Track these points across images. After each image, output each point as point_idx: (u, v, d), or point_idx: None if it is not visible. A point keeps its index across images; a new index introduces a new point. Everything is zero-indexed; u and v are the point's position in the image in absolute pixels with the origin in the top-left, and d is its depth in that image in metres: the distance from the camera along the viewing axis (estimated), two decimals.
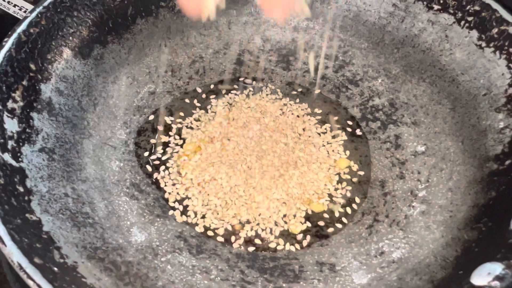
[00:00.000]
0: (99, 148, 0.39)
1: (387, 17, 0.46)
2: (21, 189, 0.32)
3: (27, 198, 0.32)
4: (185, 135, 0.42)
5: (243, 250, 0.36)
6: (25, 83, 0.36)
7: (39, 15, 0.38)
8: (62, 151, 0.36)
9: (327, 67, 0.47)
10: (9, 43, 0.36)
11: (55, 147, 0.36)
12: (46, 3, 0.38)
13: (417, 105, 0.44)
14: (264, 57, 0.48)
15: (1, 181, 0.31)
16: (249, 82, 0.46)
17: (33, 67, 0.37)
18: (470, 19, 0.41)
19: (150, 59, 0.45)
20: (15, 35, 0.36)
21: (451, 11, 0.42)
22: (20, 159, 0.33)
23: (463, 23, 0.42)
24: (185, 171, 0.40)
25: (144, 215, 0.37)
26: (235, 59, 0.47)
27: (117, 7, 0.42)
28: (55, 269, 0.29)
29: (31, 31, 0.37)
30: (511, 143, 0.37)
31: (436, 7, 0.43)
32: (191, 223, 0.37)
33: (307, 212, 0.39)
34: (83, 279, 0.29)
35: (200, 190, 0.39)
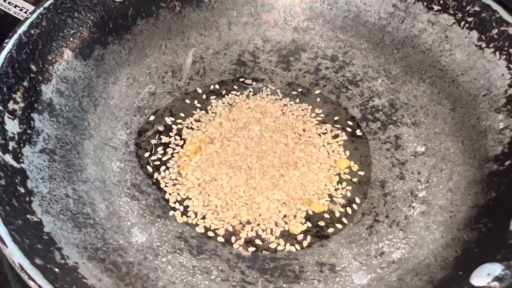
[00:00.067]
0: (99, 148, 0.39)
1: (387, 18, 0.46)
2: (22, 190, 0.32)
3: (28, 199, 0.32)
4: (186, 136, 0.42)
5: (244, 250, 0.36)
6: (26, 84, 0.36)
7: (40, 16, 0.38)
8: (63, 152, 0.36)
9: (327, 68, 0.47)
10: (10, 44, 0.36)
11: (56, 148, 0.36)
12: (46, 4, 0.38)
13: (417, 106, 0.44)
14: (264, 57, 0.48)
15: (2, 182, 0.31)
16: (249, 82, 0.46)
17: (34, 68, 0.37)
18: (470, 19, 0.41)
19: (150, 60, 0.45)
20: (16, 36, 0.36)
21: (451, 12, 0.42)
22: (21, 160, 0.33)
23: (463, 23, 0.42)
24: (185, 172, 0.40)
25: (144, 216, 0.37)
26: (235, 59, 0.48)
27: (117, 8, 0.42)
28: (56, 270, 0.29)
29: (32, 32, 0.37)
30: (511, 143, 0.37)
31: (436, 8, 0.43)
32: (191, 224, 0.37)
33: (308, 212, 0.39)
34: (84, 280, 0.29)
35: (200, 190, 0.39)
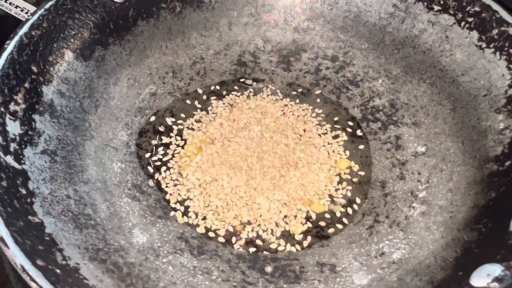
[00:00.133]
0: (100, 149, 0.39)
1: (387, 18, 0.46)
2: (24, 191, 0.32)
3: (29, 200, 0.32)
4: (186, 136, 0.42)
5: (244, 251, 0.36)
6: (27, 85, 0.36)
7: (41, 18, 0.38)
8: (64, 153, 0.37)
9: (327, 68, 0.47)
10: (11, 46, 0.36)
11: (57, 149, 0.36)
12: (47, 6, 0.39)
13: (418, 106, 0.44)
14: (264, 58, 0.48)
15: (4, 183, 0.31)
16: (249, 83, 0.46)
17: (35, 69, 0.37)
18: (470, 20, 0.41)
19: (151, 61, 0.45)
20: (17, 38, 0.36)
21: (452, 12, 0.42)
22: (22, 161, 0.33)
23: (463, 24, 0.42)
24: (186, 172, 0.40)
25: (145, 216, 0.37)
26: (235, 60, 0.48)
27: (118, 9, 0.42)
28: (58, 271, 0.29)
29: (33, 33, 0.37)
30: (511, 144, 0.37)
31: (436, 8, 0.43)
32: (192, 224, 0.38)
33: (308, 212, 0.39)
34: (85, 281, 0.30)
35: (201, 191, 0.39)
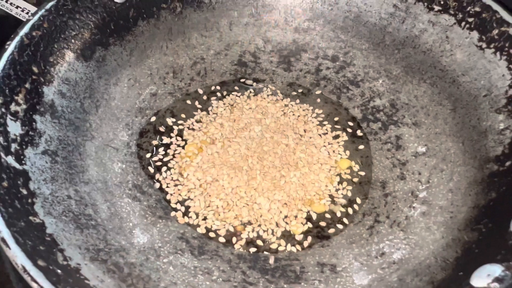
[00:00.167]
0: (101, 150, 0.39)
1: (387, 18, 0.46)
2: (25, 192, 0.32)
3: (30, 200, 0.32)
4: (187, 137, 0.42)
5: (245, 251, 0.36)
6: (27, 86, 0.36)
7: (42, 18, 0.38)
8: (64, 153, 0.37)
9: (328, 68, 0.47)
10: (12, 46, 0.36)
11: (58, 149, 0.36)
12: (48, 6, 0.39)
13: (418, 106, 0.44)
14: (265, 58, 0.48)
15: (5, 184, 0.31)
16: (250, 83, 0.47)
17: (35, 70, 0.37)
18: (470, 20, 0.41)
19: (151, 61, 0.45)
20: (17, 38, 0.36)
21: (452, 12, 0.42)
22: (23, 162, 0.34)
23: (463, 24, 0.42)
24: (186, 173, 0.40)
25: (146, 217, 0.37)
26: (236, 60, 0.48)
27: (118, 9, 0.42)
28: (59, 271, 0.29)
29: (34, 34, 0.37)
30: (511, 144, 0.37)
31: (436, 8, 0.43)
32: (192, 224, 0.38)
33: (308, 213, 0.39)
34: (86, 281, 0.30)
35: (202, 191, 0.39)
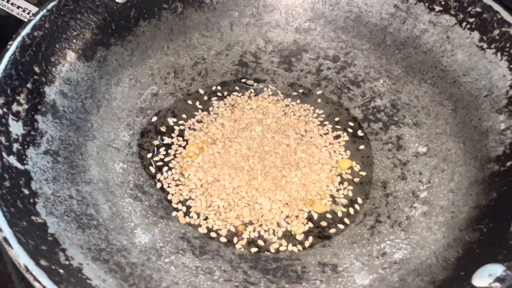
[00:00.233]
0: (102, 150, 0.39)
1: (388, 19, 0.46)
2: (26, 192, 0.32)
3: (32, 200, 0.32)
4: (188, 137, 0.42)
5: (246, 251, 0.37)
6: (29, 86, 0.36)
7: (43, 18, 0.38)
8: (66, 153, 0.37)
9: (329, 68, 0.47)
10: (14, 46, 0.36)
11: (60, 149, 0.36)
12: (49, 6, 0.39)
13: (419, 106, 0.44)
14: (266, 58, 0.48)
15: (7, 183, 0.31)
16: (251, 83, 0.47)
17: (37, 70, 0.37)
18: (471, 20, 0.42)
19: (152, 61, 0.45)
20: (19, 38, 0.36)
21: (453, 13, 0.43)
22: (25, 162, 0.34)
23: (464, 24, 0.42)
24: (188, 173, 0.40)
25: (147, 217, 0.37)
26: (237, 60, 0.48)
27: (120, 9, 0.42)
28: (61, 271, 0.29)
29: (35, 34, 0.37)
30: None
31: (437, 9, 0.43)
32: (194, 224, 0.38)
33: (310, 213, 0.39)
34: (88, 281, 0.30)
35: (203, 191, 0.39)
